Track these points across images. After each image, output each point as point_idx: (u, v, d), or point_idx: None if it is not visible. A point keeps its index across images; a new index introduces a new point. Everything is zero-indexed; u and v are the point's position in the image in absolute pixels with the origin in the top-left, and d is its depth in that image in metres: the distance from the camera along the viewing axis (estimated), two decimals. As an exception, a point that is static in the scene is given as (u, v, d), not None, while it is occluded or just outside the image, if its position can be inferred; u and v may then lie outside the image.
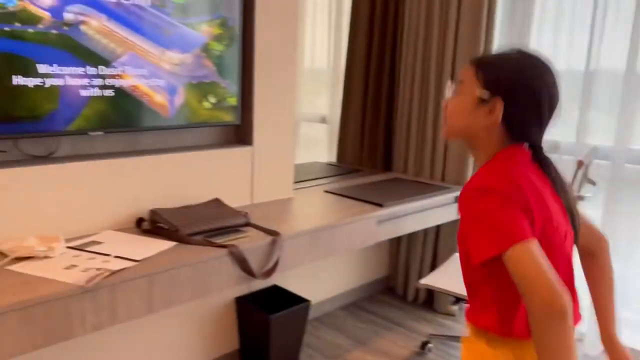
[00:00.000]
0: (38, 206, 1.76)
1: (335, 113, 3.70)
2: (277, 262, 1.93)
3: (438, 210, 2.72)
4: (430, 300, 3.21)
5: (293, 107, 2.48)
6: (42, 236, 1.72)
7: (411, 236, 3.22)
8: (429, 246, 3.14)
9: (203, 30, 2.09)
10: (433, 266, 3.14)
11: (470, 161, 2.94)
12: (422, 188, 2.79)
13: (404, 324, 2.97)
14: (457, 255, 2.76)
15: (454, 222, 2.98)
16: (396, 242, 3.34)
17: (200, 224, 1.92)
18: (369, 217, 2.32)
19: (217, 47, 2.15)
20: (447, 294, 2.42)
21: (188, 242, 1.84)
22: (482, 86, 1.09)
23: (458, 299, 2.50)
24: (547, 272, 0.93)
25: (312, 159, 3.65)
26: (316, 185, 2.82)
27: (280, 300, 2.58)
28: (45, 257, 1.63)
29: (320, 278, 3.00)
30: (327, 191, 2.68)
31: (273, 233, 1.97)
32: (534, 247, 0.97)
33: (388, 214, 2.42)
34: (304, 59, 3.85)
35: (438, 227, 3.11)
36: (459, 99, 1.14)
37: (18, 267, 1.55)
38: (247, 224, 2.04)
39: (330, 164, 3.49)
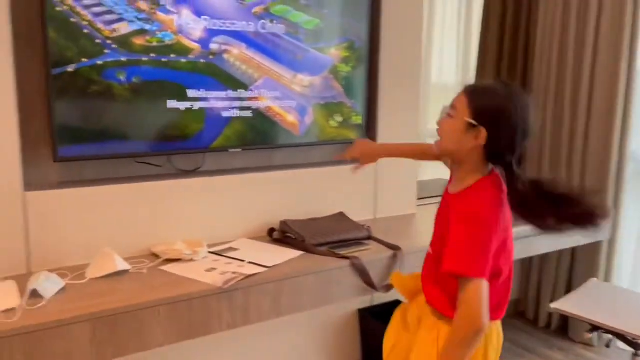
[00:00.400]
0: (186, 214, 1.99)
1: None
2: (398, 276, 1.97)
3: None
4: (565, 327, 3.01)
5: (417, 124, 2.52)
6: (189, 241, 1.94)
7: (544, 257, 3.05)
8: (564, 268, 2.95)
9: (331, 53, 2.22)
10: (568, 290, 2.95)
11: (609, 184, 2.73)
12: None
13: (537, 351, 2.82)
14: (595, 280, 2.57)
15: (591, 245, 2.78)
16: (527, 263, 3.19)
17: (326, 235, 2.03)
18: (495, 235, 2.26)
19: (344, 69, 2.27)
20: (582, 320, 2.26)
21: (313, 252, 1.95)
22: (472, 115, 1.26)
23: (595, 327, 2.32)
24: (485, 307, 1.22)
25: (438, 176, 3.62)
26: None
27: (403, 315, 2.59)
28: (191, 260, 1.83)
29: (444, 296, 2.96)
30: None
31: (394, 247, 2.01)
32: (485, 286, 1.24)
33: (515, 233, 2.33)
34: (432, 73, 3.85)
35: (573, 249, 2.91)
36: (451, 122, 1.31)
37: (168, 268, 1.77)
38: (369, 238, 2.10)
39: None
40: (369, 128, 2.42)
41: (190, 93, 1.94)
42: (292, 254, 1.94)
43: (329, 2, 2.19)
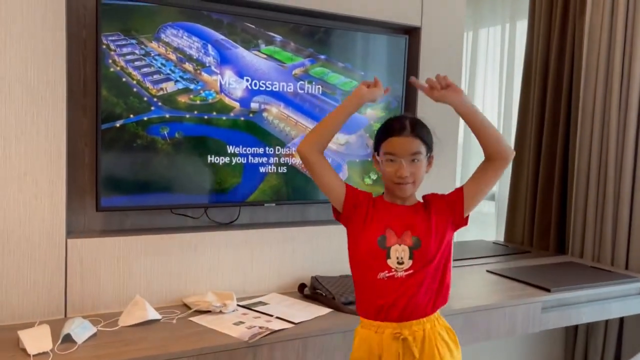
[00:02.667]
0: (219, 266, 2.03)
1: (504, 188, 3.59)
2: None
3: (619, 301, 2.44)
4: (613, 405, 2.82)
5: (454, 182, 2.50)
6: (219, 293, 1.96)
7: (590, 327, 2.90)
8: (611, 339, 2.79)
9: (367, 113, 2.27)
10: (616, 364, 2.78)
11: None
12: (599, 275, 2.54)
13: None
14: (644, 354, 2.42)
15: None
16: (572, 332, 3.03)
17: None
18: (532, 301, 2.19)
19: (380, 128, 2.31)
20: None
21: (342, 310, 1.93)
22: (427, 149, 1.50)
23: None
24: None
25: (478, 237, 3.56)
26: (479, 265, 2.74)
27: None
28: (220, 312, 1.85)
29: (481, 363, 2.84)
30: (489, 271, 2.60)
31: (426, 309, 1.97)
32: None
33: (556, 300, 2.26)
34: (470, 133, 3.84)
35: (622, 319, 2.76)
36: (420, 165, 1.48)
37: (197, 319, 1.80)
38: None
39: (496, 243, 3.37)
40: (404, 186, 2.42)
41: (230, 149, 2.01)
42: (321, 310, 1.93)
43: (366, 65, 2.26)
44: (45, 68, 1.70)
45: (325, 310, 1.93)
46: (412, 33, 2.40)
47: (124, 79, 1.82)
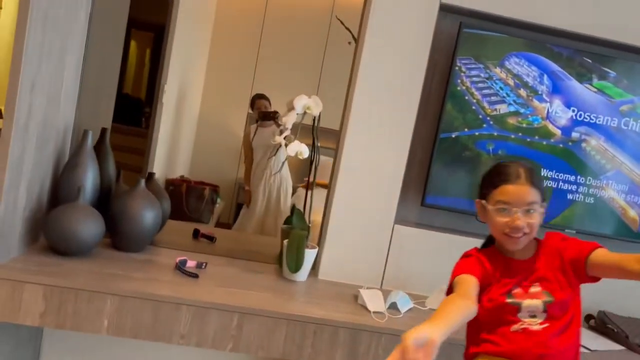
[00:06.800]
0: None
1: None
2: None
3: None
4: None
5: None
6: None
7: None
8: None
9: None
10: None
11: None
12: None
13: None
14: None
15: None
16: None
17: (652, 338, 1.98)
18: None
19: None
20: None
21: (636, 351, 1.93)
22: (541, 198, 1.41)
23: None
24: None
25: None
26: None
27: None
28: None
29: None
30: None
31: None
32: None
33: None
34: None
35: None
36: (535, 215, 1.40)
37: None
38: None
39: None
40: None
41: (544, 172, 2.15)
42: (613, 345, 1.96)
43: (701, 109, 2.17)
44: (407, 80, 2.05)
45: (617, 346, 1.95)
46: None
47: (466, 97, 2.08)
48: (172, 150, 4.05)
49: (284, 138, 1.90)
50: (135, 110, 4.75)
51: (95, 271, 1.73)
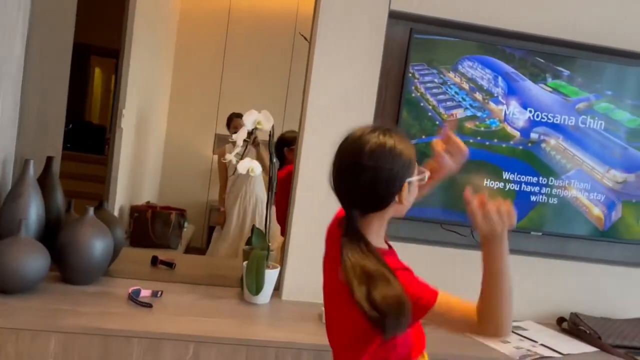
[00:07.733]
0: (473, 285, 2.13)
1: None
2: None
3: None
4: None
5: None
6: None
7: None
8: None
9: (652, 153, 2.18)
10: None
11: None
12: None
13: None
14: None
15: None
16: None
17: (625, 338, 1.94)
18: None
19: (665, 170, 2.19)
20: None
21: (610, 352, 1.89)
22: None
23: None
24: None
25: None
26: None
27: None
28: (482, 327, 1.95)
29: None
30: None
31: None
32: None
33: None
34: None
35: None
36: None
37: (463, 330, 1.93)
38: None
39: None
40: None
41: (505, 175, 2.12)
42: (586, 347, 1.91)
43: (656, 103, 2.17)
44: (361, 90, 2.01)
45: (590, 348, 1.91)
46: None
47: (421, 104, 2.05)
48: (137, 176, 3.95)
49: (234, 155, 1.84)
50: (98, 137, 4.65)
51: (39, 308, 1.63)
